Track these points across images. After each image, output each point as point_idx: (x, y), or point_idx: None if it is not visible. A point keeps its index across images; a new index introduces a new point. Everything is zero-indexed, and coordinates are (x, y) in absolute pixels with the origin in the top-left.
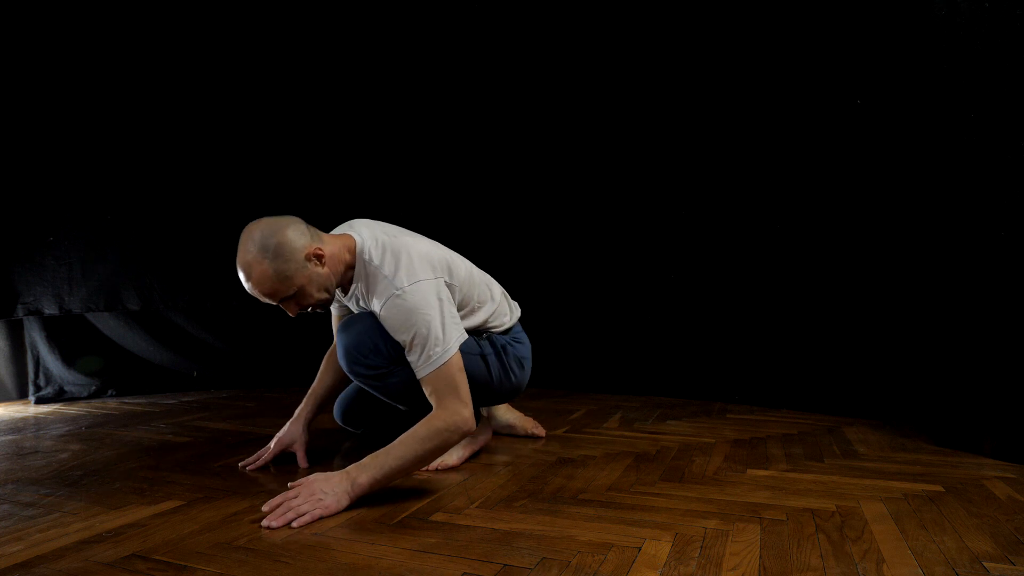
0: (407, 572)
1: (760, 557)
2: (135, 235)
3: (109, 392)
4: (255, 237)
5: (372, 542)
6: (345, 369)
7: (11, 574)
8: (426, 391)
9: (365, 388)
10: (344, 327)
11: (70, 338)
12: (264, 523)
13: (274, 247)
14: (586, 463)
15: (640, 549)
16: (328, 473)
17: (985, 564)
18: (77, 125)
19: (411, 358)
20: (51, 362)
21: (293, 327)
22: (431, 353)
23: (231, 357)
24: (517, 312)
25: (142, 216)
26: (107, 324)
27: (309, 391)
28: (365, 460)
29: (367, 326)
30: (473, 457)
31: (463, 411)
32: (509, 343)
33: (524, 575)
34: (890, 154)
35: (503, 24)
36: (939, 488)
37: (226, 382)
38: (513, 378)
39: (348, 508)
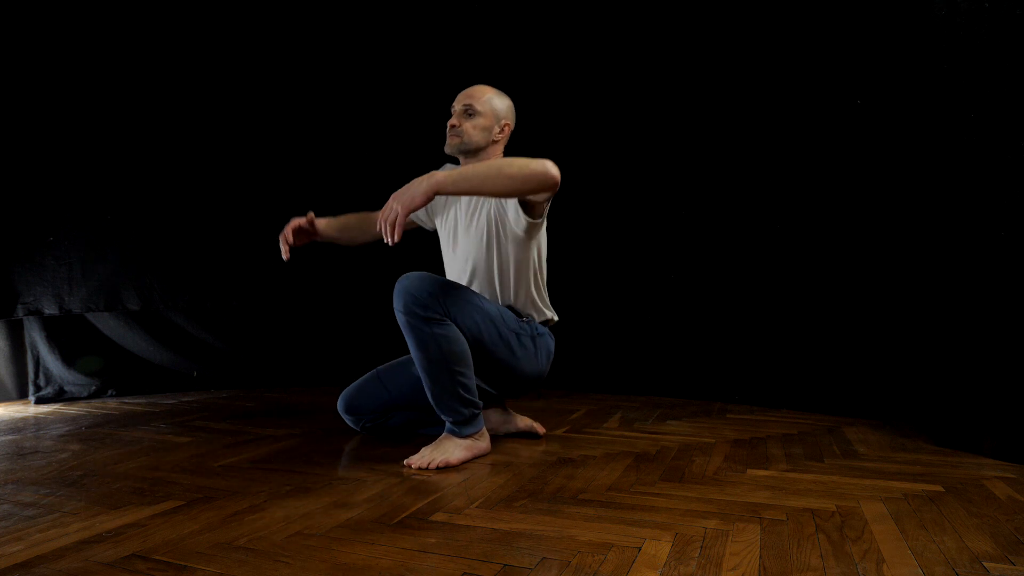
0: (407, 572)
1: (760, 557)
2: (135, 235)
3: (109, 392)
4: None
5: (372, 542)
6: (400, 308)
7: (11, 574)
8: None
9: (406, 334)
10: (406, 276)
11: (70, 338)
12: (379, 223)
13: (503, 94)
14: (586, 463)
15: (640, 549)
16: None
17: (985, 564)
18: (77, 125)
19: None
20: (51, 362)
21: (292, 328)
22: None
23: (231, 357)
24: (556, 318)
25: (142, 216)
26: (107, 324)
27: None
28: (450, 171)
29: (429, 277)
30: (472, 460)
31: (555, 168)
32: (544, 333)
33: (524, 575)
34: (890, 154)
35: (504, 25)
36: (939, 488)
37: (226, 382)
38: (539, 363)
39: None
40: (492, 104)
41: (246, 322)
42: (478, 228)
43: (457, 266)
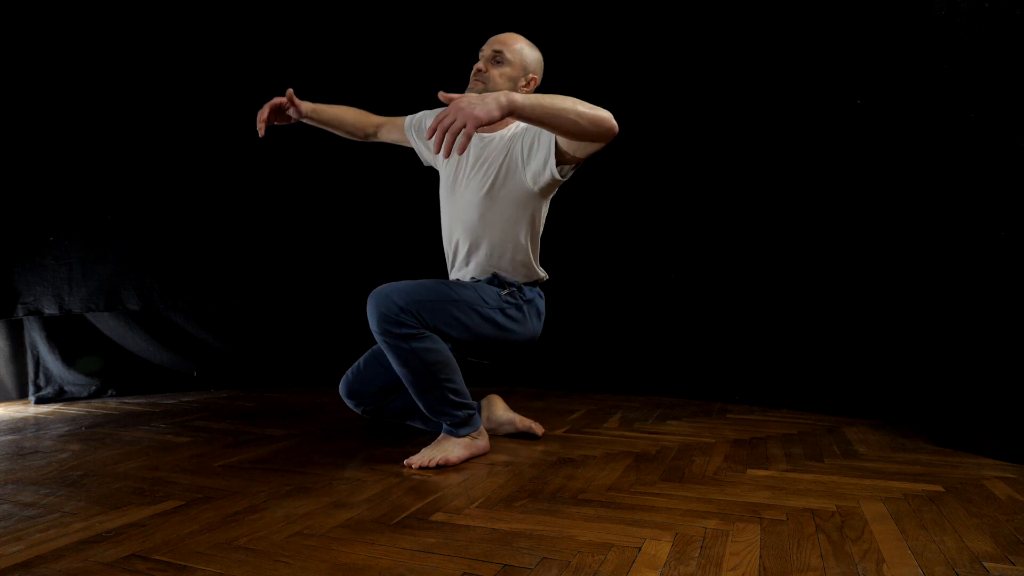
0: (407, 572)
1: (760, 557)
2: (135, 235)
3: (109, 392)
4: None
5: (372, 542)
6: (374, 326)
7: (11, 574)
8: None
9: (385, 350)
10: (374, 294)
11: (70, 338)
12: (434, 129)
13: (534, 46)
14: (586, 463)
15: (640, 549)
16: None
17: (985, 564)
18: (77, 125)
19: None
20: (51, 362)
21: (292, 328)
22: None
23: (231, 357)
24: (545, 276)
25: (142, 216)
26: (107, 324)
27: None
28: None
29: (398, 288)
30: (472, 460)
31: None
32: (534, 296)
33: (524, 575)
34: (890, 154)
35: (504, 25)
36: (939, 488)
37: (226, 382)
38: (529, 329)
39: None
40: (523, 54)
41: (246, 322)
42: (484, 176)
43: (452, 213)
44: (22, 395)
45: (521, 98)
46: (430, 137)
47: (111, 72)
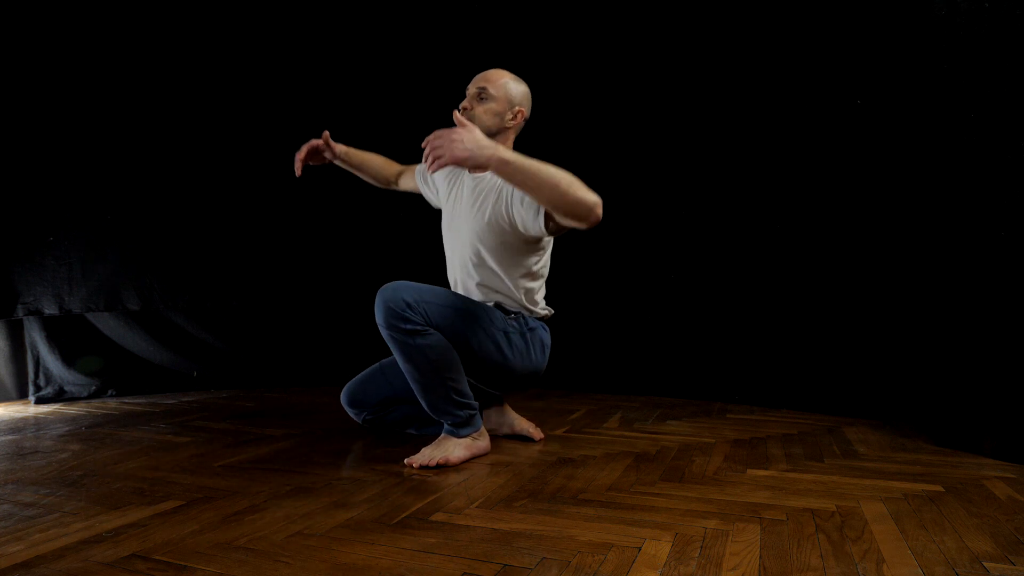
0: (407, 572)
1: (760, 557)
2: (135, 235)
3: (109, 392)
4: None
5: (372, 542)
6: (381, 322)
7: (11, 574)
8: None
9: (391, 346)
10: (383, 288)
11: (70, 338)
12: (425, 151)
13: (520, 80)
14: (586, 463)
15: (640, 549)
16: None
17: (985, 564)
18: (77, 125)
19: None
20: (51, 362)
21: (292, 328)
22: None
23: (231, 357)
24: (551, 312)
25: (142, 216)
26: (107, 324)
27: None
28: (511, 152)
29: (406, 285)
30: (472, 460)
31: (599, 206)
32: (538, 326)
33: (524, 575)
34: (890, 154)
35: (504, 25)
36: (939, 488)
37: (226, 382)
38: (533, 358)
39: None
40: (507, 89)
41: (246, 322)
42: (480, 213)
43: (452, 248)
44: (22, 395)
45: (510, 156)
46: (425, 158)
47: (111, 72)
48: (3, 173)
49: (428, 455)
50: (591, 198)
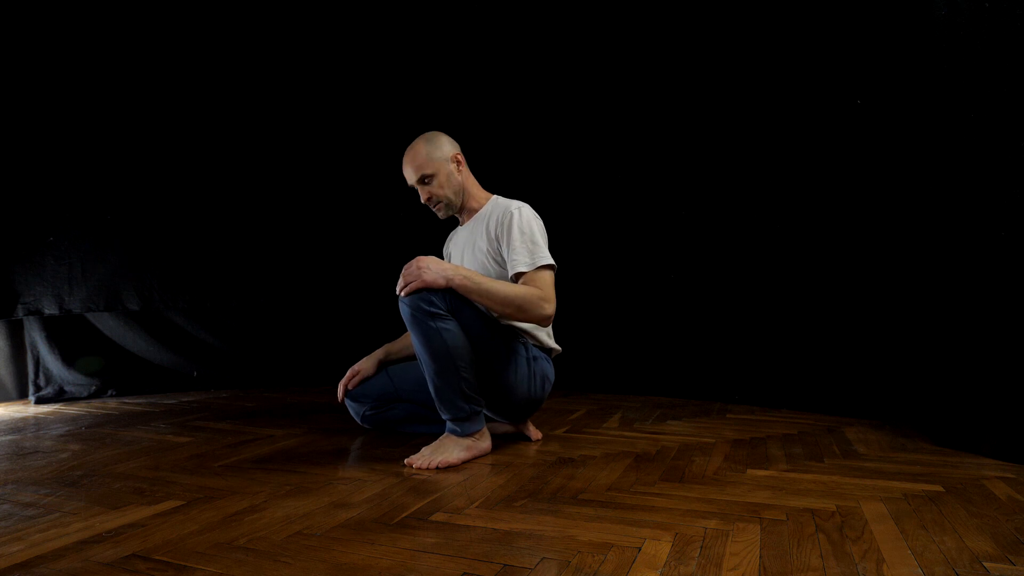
0: (407, 572)
1: (760, 557)
2: (135, 235)
3: (109, 392)
4: (424, 135)
5: (372, 542)
6: (407, 301)
7: (11, 574)
8: (521, 282)
9: (412, 329)
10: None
11: (70, 338)
12: (398, 290)
13: (433, 139)
14: (586, 463)
15: (640, 549)
16: (439, 260)
17: (985, 564)
18: (77, 125)
19: (514, 254)
20: (51, 362)
21: (292, 328)
22: (535, 254)
23: (231, 357)
24: (558, 348)
25: (142, 216)
26: (107, 324)
27: (386, 344)
28: (467, 271)
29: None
30: (472, 460)
31: (548, 304)
32: (542, 358)
33: (524, 575)
34: (890, 154)
35: (504, 25)
36: (939, 488)
37: (226, 382)
38: (533, 389)
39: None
40: (433, 156)
41: (246, 322)
42: (474, 264)
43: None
44: (22, 395)
45: (463, 281)
46: (399, 289)
47: (111, 73)
48: (3, 173)
49: (428, 456)
50: (542, 314)
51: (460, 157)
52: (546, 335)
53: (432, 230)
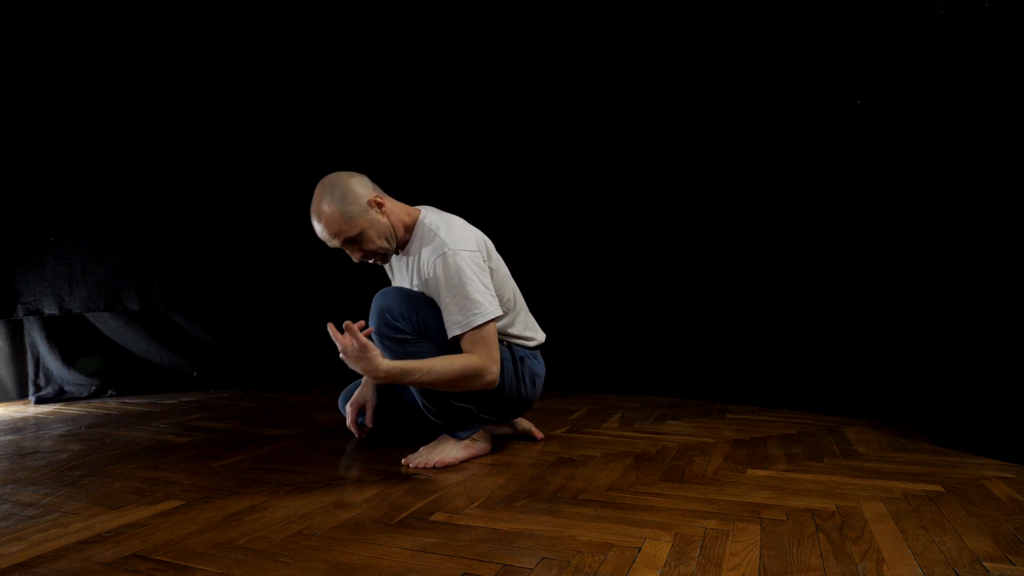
0: (407, 572)
1: (760, 557)
2: (135, 235)
3: (109, 392)
4: (325, 186)
5: (372, 542)
6: (374, 329)
7: (11, 574)
8: (462, 345)
9: (385, 351)
10: (381, 294)
11: (70, 338)
12: (341, 355)
13: (340, 192)
14: (586, 463)
15: (640, 549)
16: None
17: (985, 564)
18: (77, 125)
19: (449, 315)
20: (51, 362)
21: (292, 328)
22: (470, 312)
23: (231, 357)
24: (542, 336)
25: (142, 216)
26: (107, 324)
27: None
28: (401, 363)
29: (403, 294)
30: (472, 460)
31: (493, 366)
32: (528, 356)
33: (524, 575)
34: (890, 154)
35: (505, 25)
36: (939, 488)
37: (226, 382)
38: (523, 390)
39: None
40: (350, 214)
41: (246, 322)
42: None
43: None
44: (22, 395)
45: (402, 378)
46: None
47: (111, 73)
48: (3, 173)
49: (427, 456)
50: (486, 381)
51: (376, 197)
52: (529, 331)
53: None
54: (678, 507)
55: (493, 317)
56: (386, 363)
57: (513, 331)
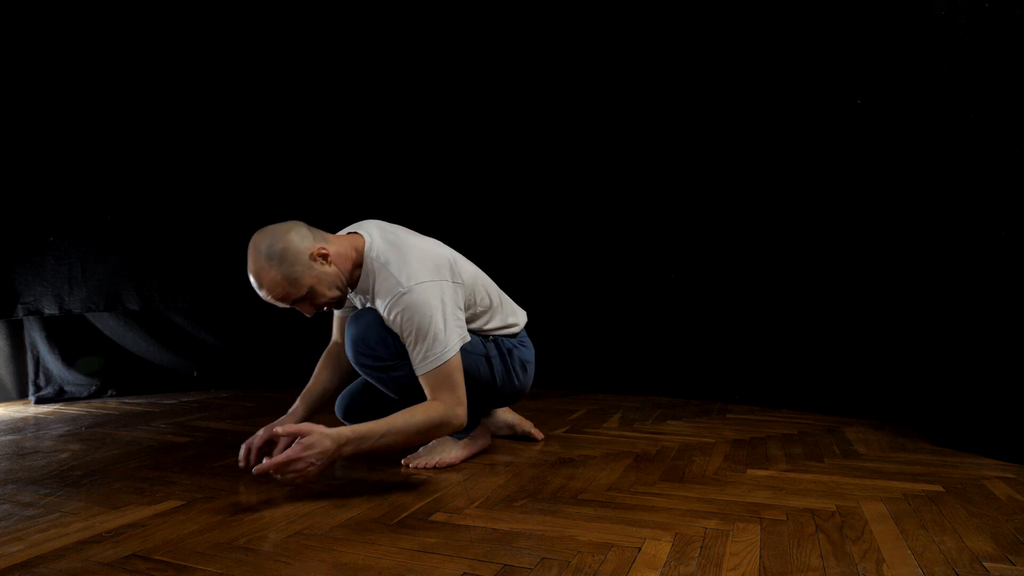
0: (407, 572)
1: (760, 557)
2: (135, 235)
3: (109, 392)
4: (260, 246)
5: (372, 542)
6: (351, 359)
7: (11, 574)
8: (424, 387)
9: (369, 380)
10: (353, 319)
11: (70, 338)
12: (255, 470)
13: (279, 253)
14: (586, 463)
15: (640, 549)
16: (322, 437)
17: (985, 564)
18: (77, 125)
19: (412, 355)
20: (51, 362)
21: (292, 327)
22: (431, 352)
23: (231, 357)
24: (524, 318)
25: (142, 216)
26: (107, 324)
27: (304, 391)
28: (357, 432)
29: (375, 318)
30: (472, 458)
31: (458, 409)
32: (515, 346)
33: (524, 575)
34: (890, 154)
35: (504, 25)
36: (939, 488)
37: (226, 382)
38: (516, 381)
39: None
40: (293, 275)
41: (246, 322)
42: None
43: None
44: (22, 395)
45: (360, 449)
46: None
47: (111, 73)
48: (3, 173)
49: (426, 456)
50: (454, 426)
51: (318, 248)
52: (511, 318)
53: (433, 228)
54: (678, 507)
55: (454, 353)
56: (334, 440)
57: (495, 325)
